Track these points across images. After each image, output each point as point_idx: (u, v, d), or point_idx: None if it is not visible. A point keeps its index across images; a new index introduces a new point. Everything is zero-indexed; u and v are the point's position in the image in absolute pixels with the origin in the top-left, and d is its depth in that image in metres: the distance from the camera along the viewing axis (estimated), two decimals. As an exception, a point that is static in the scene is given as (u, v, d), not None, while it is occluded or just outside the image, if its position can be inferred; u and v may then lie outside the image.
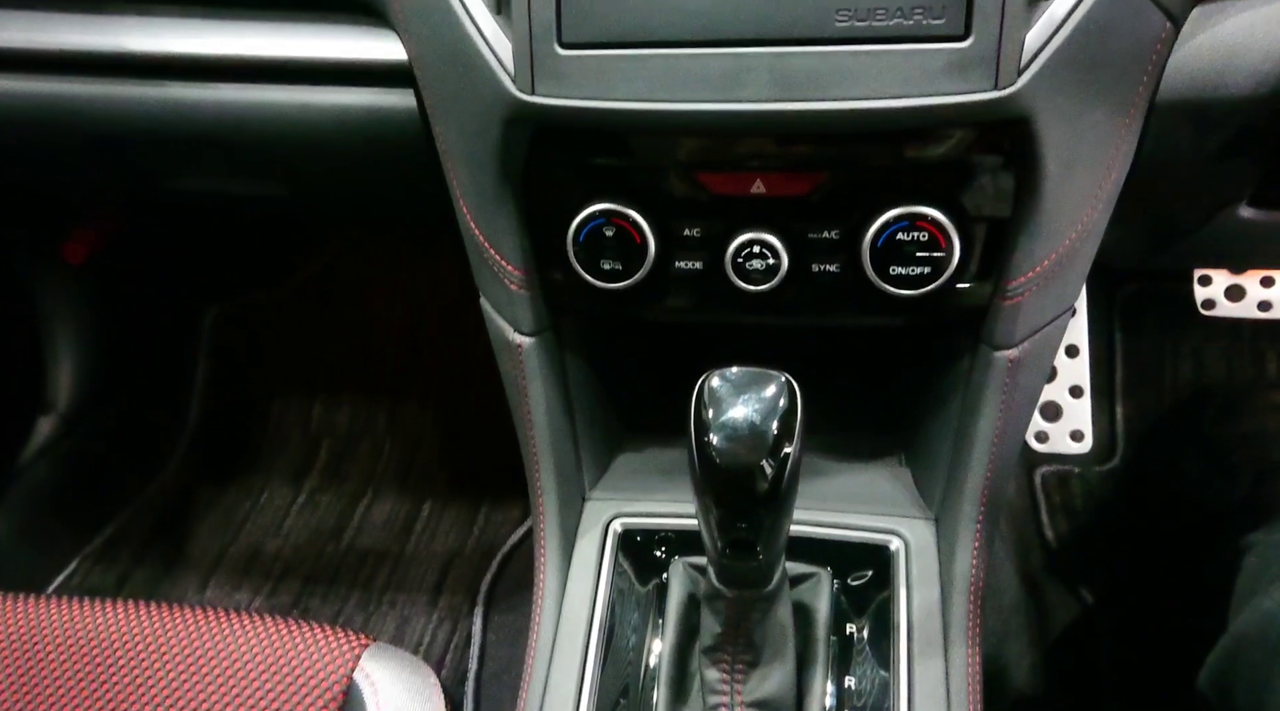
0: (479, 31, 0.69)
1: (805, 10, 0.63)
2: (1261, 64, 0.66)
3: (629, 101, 0.66)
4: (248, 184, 0.98)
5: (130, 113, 0.85)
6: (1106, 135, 0.67)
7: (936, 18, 0.61)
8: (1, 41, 0.84)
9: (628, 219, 0.73)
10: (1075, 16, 0.62)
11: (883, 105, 0.63)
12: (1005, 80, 0.62)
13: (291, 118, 0.83)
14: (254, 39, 0.82)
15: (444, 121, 0.76)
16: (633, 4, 0.64)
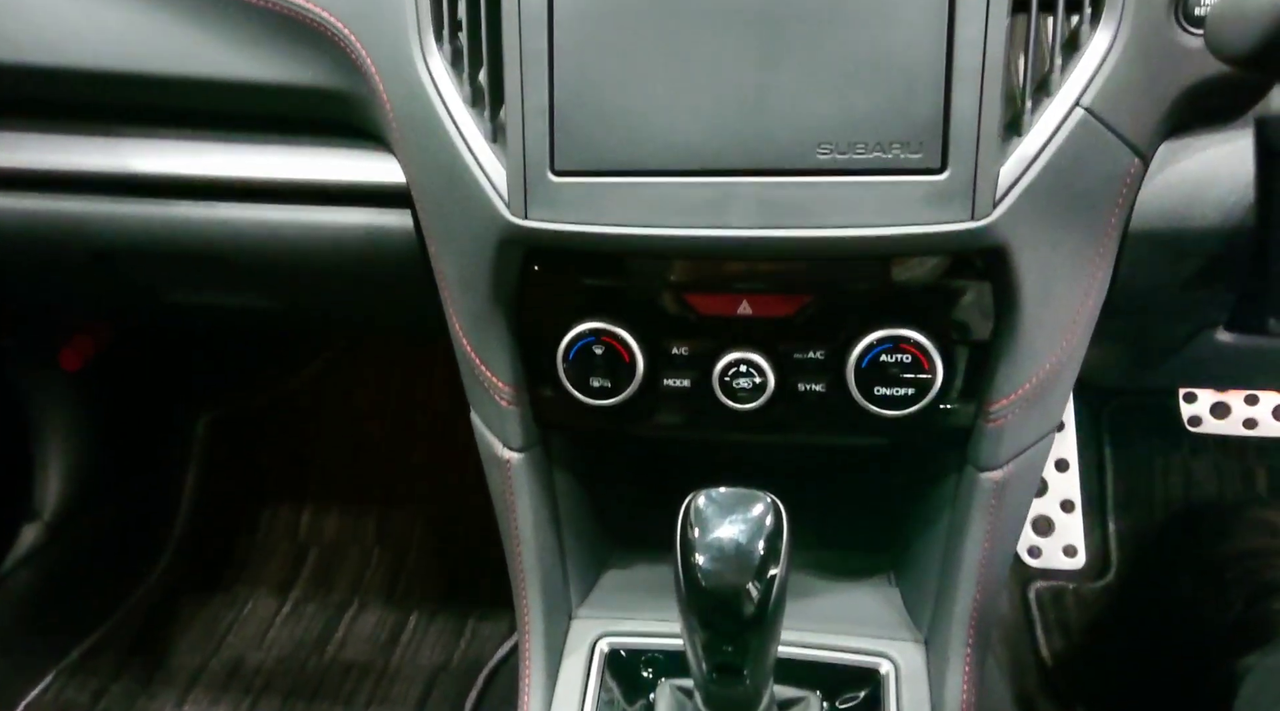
0: (475, 158, 0.71)
1: (789, 143, 0.65)
2: (1227, 197, 0.69)
3: (619, 226, 0.68)
4: (244, 297, 1.00)
5: (134, 230, 0.87)
6: (1081, 264, 0.69)
7: (914, 152, 0.64)
8: (14, 162, 0.87)
9: (617, 338, 0.75)
10: (1047, 152, 0.64)
11: (864, 233, 0.66)
12: (981, 212, 0.64)
13: (290, 236, 0.86)
14: (256, 160, 0.85)
15: (439, 242, 0.78)
16: (623, 135, 0.67)
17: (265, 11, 0.78)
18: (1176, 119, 0.68)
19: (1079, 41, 0.65)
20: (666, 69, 0.66)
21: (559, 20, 0.67)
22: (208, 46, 0.80)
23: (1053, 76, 0.65)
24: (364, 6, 0.75)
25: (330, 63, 0.79)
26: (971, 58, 0.62)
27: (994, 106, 0.63)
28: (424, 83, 0.73)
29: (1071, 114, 0.64)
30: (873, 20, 0.63)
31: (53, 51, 0.82)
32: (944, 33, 0.63)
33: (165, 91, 0.83)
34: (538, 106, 0.68)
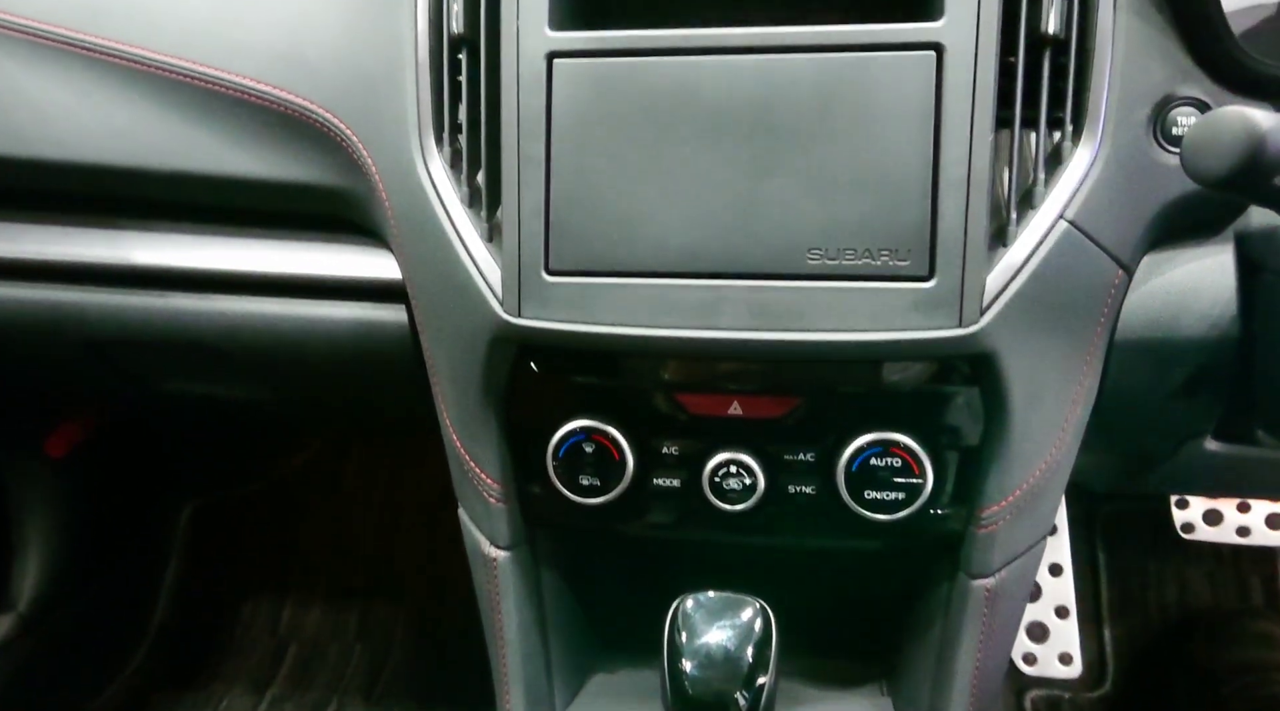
0: (470, 257, 0.73)
1: (779, 248, 0.67)
2: (1211, 309, 0.70)
3: (611, 326, 0.69)
4: (237, 388, 1.00)
5: (130, 321, 0.88)
6: (1069, 372, 0.70)
7: (902, 260, 0.65)
8: (16, 252, 0.88)
9: (607, 436, 0.75)
10: (1033, 262, 0.66)
11: (852, 338, 0.66)
12: (969, 319, 0.65)
13: (285, 329, 0.86)
14: (254, 254, 0.86)
15: (433, 338, 0.79)
16: (617, 237, 0.68)
17: (269, 110, 0.80)
18: (1159, 232, 0.70)
19: (1062, 157, 0.67)
20: (660, 174, 0.67)
21: (557, 126, 0.69)
22: (212, 143, 0.82)
23: (1037, 189, 0.67)
24: (367, 108, 0.77)
25: (331, 161, 0.81)
26: (957, 170, 0.64)
27: (980, 217, 0.64)
28: (423, 183, 0.74)
29: (1056, 226, 0.66)
30: (861, 132, 0.65)
31: (61, 146, 0.84)
32: (930, 145, 0.64)
33: (168, 186, 0.85)
34: (534, 208, 0.69)
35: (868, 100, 0.65)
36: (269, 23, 0.80)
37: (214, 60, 0.80)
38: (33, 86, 0.84)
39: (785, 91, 0.66)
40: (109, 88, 0.83)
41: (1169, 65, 0.67)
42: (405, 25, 0.75)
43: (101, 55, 0.82)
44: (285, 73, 0.79)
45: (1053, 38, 0.66)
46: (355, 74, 0.77)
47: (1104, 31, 0.66)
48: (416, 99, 0.75)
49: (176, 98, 0.82)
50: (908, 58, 0.65)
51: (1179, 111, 0.67)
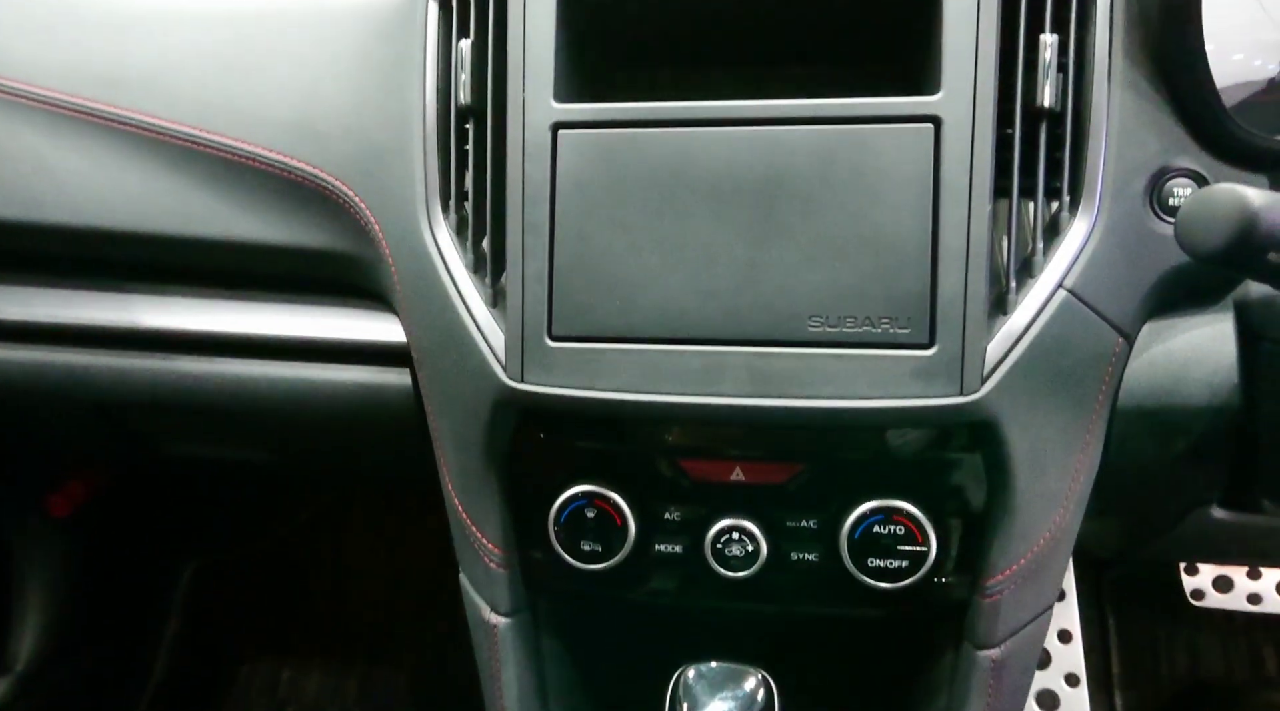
0: (474, 322, 0.73)
1: (780, 315, 0.67)
2: (1212, 377, 0.70)
3: (614, 392, 0.69)
4: (242, 450, 1.00)
5: (138, 383, 0.89)
6: (1071, 439, 0.70)
7: (902, 327, 0.66)
8: (28, 315, 0.90)
9: (609, 501, 0.75)
10: (1033, 331, 0.66)
11: (854, 405, 0.66)
12: (970, 387, 0.65)
13: (291, 392, 0.87)
14: (261, 318, 0.87)
15: (436, 402, 0.79)
16: (620, 303, 0.69)
17: (280, 178, 0.82)
18: (1158, 300, 0.71)
19: (1059, 226, 0.68)
20: (663, 242, 0.68)
21: (561, 194, 0.70)
22: (223, 209, 0.84)
23: (1035, 258, 0.68)
24: (375, 176, 0.79)
25: (339, 227, 0.82)
26: (956, 239, 0.65)
27: (979, 286, 0.65)
28: (429, 249, 0.75)
29: (1055, 295, 0.66)
30: (861, 202, 0.66)
31: (77, 212, 0.86)
32: (929, 215, 0.65)
33: (179, 251, 0.86)
34: (537, 274, 0.70)
35: (867, 171, 0.66)
36: (281, 94, 0.82)
37: (228, 129, 0.82)
38: (52, 155, 0.86)
39: (786, 162, 0.67)
40: (125, 155, 0.85)
41: (1164, 138, 0.68)
42: (414, 96, 0.77)
43: (119, 124, 0.85)
44: (296, 142, 0.81)
45: (1048, 110, 0.67)
46: (364, 143, 0.79)
47: (1098, 105, 0.68)
48: (424, 167, 0.76)
49: (190, 165, 0.84)
50: (906, 130, 0.66)
51: (1175, 183, 0.68)
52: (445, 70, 0.76)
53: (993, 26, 0.65)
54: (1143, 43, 0.68)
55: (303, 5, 0.85)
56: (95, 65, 0.86)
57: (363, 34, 0.81)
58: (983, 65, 0.65)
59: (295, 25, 0.84)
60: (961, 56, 0.65)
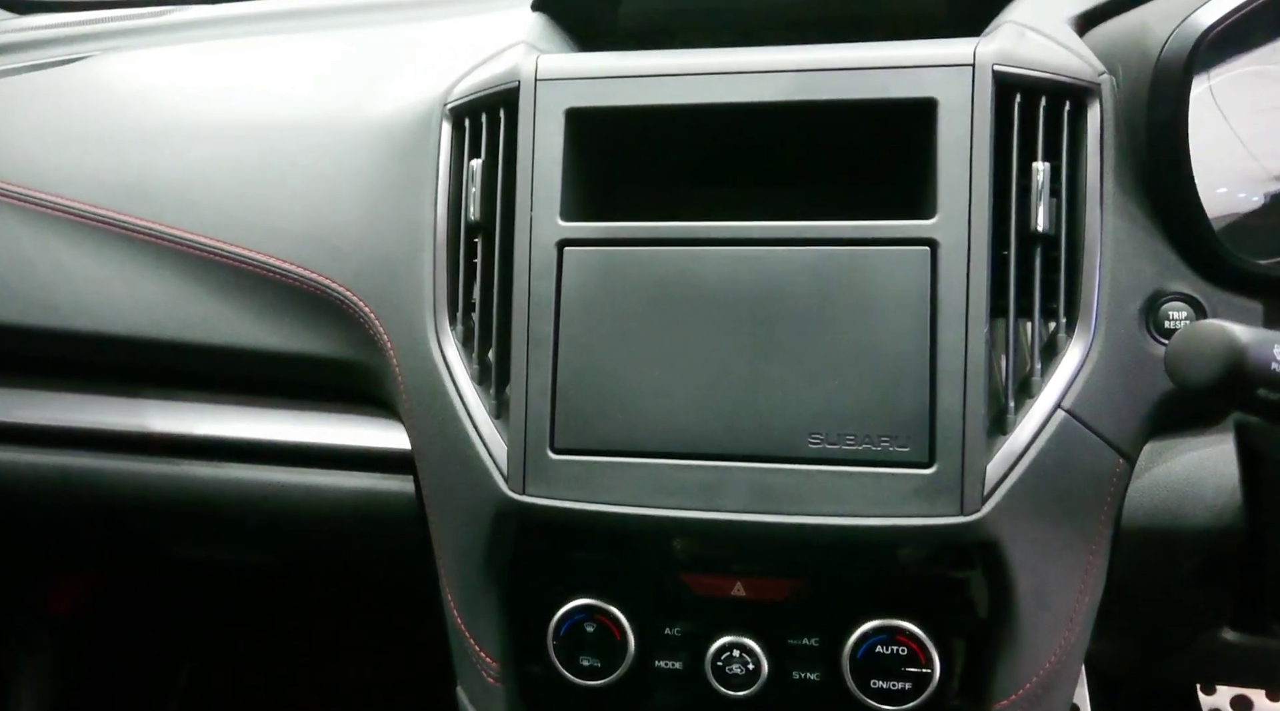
0: (478, 432, 0.74)
1: (781, 431, 0.68)
2: (1215, 498, 0.69)
3: (615, 505, 0.69)
4: (243, 552, 1.00)
5: (144, 487, 0.89)
6: (1074, 560, 0.69)
7: (902, 445, 0.66)
8: (40, 419, 0.91)
9: (609, 616, 0.74)
10: (1032, 451, 0.66)
11: (854, 523, 0.66)
12: (970, 507, 0.65)
13: (294, 498, 0.87)
14: (270, 424, 0.88)
15: (438, 511, 0.79)
16: (622, 417, 0.70)
17: (292, 287, 0.84)
18: (1158, 421, 0.71)
19: (1057, 347, 0.69)
20: (665, 358, 0.69)
21: (565, 309, 0.71)
22: (236, 317, 0.86)
23: (1033, 379, 0.68)
24: (385, 287, 0.81)
25: (349, 336, 0.83)
26: (954, 360, 0.66)
27: (978, 405, 0.65)
28: (436, 360, 0.77)
29: (1054, 415, 0.67)
30: (860, 322, 0.67)
31: (93, 318, 0.88)
32: (927, 335, 0.66)
33: (190, 357, 0.88)
34: (541, 386, 0.71)
35: (865, 292, 0.67)
36: (298, 207, 0.85)
37: (245, 240, 0.85)
38: (72, 263, 0.89)
39: (785, 282, 0.68)
40: (142, 264, 0.88)
41: (1157, 262, 0.69)
42: (426, 211, 0.79)
43: (140, 234, 0.87)
44: (310, 253, 0.83)
45: (1043, 234, 0.69)
46: (375, 256, 0.81)
47: (1092, 229, 0.69)
48: (433, 280, 0.78)
49: (205, 274, 0.86)
50: (903, 253, 0.67)
51: (1170, 306, 0.69)
52: (456, 187, 0.78)
53: (986, 153, 0.67)
54: (1133, 170, 0.70)
55: (323, 121, 0.89)
56: (121, 177, 0.90)
57: (379, 150, 0.84)
58: (977, 190, 0.67)
59: (315, 140, 0.88)
60: (956, 182, 0.67)
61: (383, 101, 0.88)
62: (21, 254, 0.90)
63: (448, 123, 0.80)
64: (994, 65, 0.68)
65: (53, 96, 1.02)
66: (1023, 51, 0.70)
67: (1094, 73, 0.71)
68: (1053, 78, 0.69)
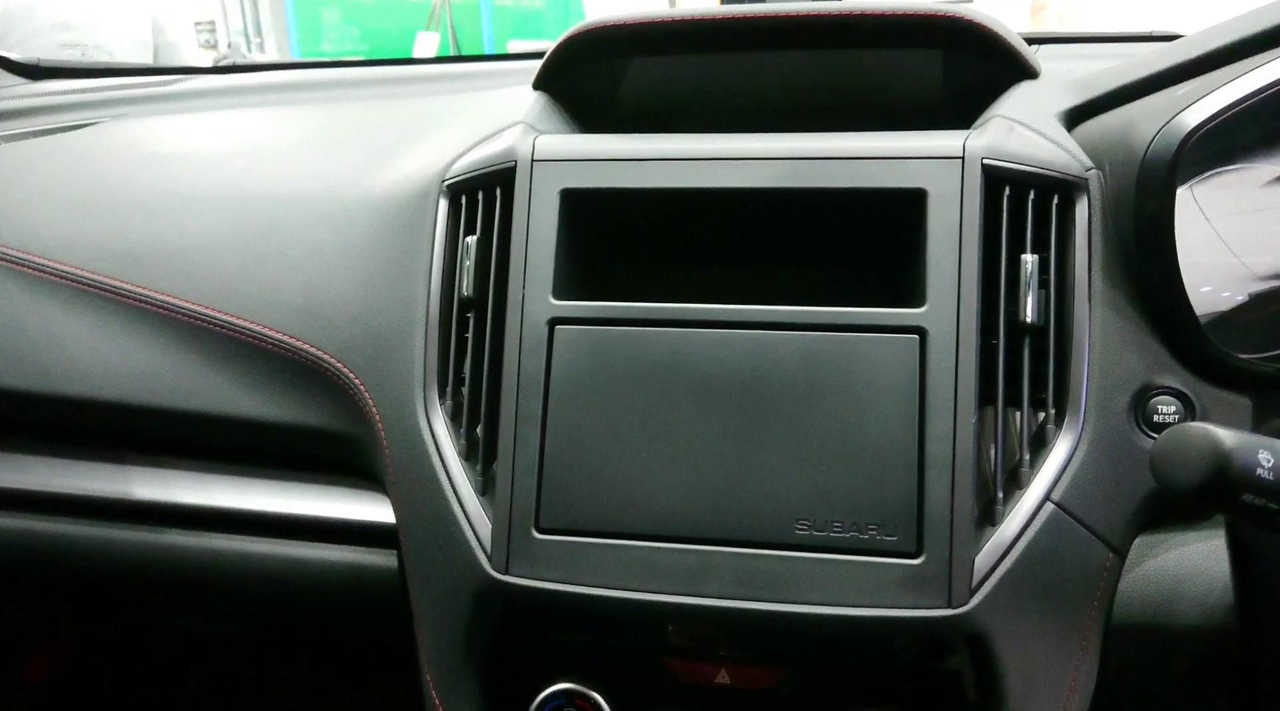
0: (462, 509, 0.73)
1: (768, 517, 0.67)
2: (1207, 595, 0.68)
3: (598, 588, 0.69)
4: (223, 622, 0.99)
5: (124, 555, 0.88)
6: (1064, 655, 0.68)
7: (889, 534, 0.66)
8: (20, 483, 0.91)
9: (590, 701, 0.72)
10: (1021, 543, 0.66)
11: (840, 612, 0.65)
12: (958, 599, 0.64)
13: (276, 569, 0.86)
14: (253, 495, 0.87)
15: (419, 587, 0.78)
16: (608, 498, 0.69)
17: (284, 357, 0.84)
18: (1148, 515, 0.70)
19: (1046, 438, 0.69)
20: (652, 439, 0.69)
21: (555, 388, 0.71)
22: (227, 386, 0.86)
23: (1022, 470, 0.68)
24: (376, 360, 0.81)
25: (337, 407, 0.83)
26: (942, 449, 0.65)
27: (966, 496, 0.65)
28: (423, 434, 0.76)
29: (1043, 508, 0.66)
30: (848, 408, 0.67)
31: (84, 383, 0.88)
32: (915, 423, 0.66)
33: (179, 424, 0.87)
34: (528, 465, 0.70)
35: (854, 378, 0.67)
36: (293, 278, 0.85)
37: (239, 309, 0.85)
38: (67, 328, 0.89)
39: (774, 365, 0.68)
40: (137, 330, 0.88)
41: (1146, 356, 0.69)
42: (419, 286, 0.80)
43: (135, 301, 0.88)
44: (302, 324, 0.84)
45: (1031, 325, 0.69)
46: (368, 328, 0.82)
47: (1080, 322, 0.69)
48: (424, 354, 0.78)
49: (199, 342, 0.87)
50: (892, 340, 0.68)
51: (1159, 400, 0.69)
52: (450, 263, 0.79)
53: (975, 244, 0.68)
54: (1121, 264, 0.70)
55: (322, 194, 0.90)
56: (120, 244, 0.90)
57: (375, 225, 0.85)
58: (966, 280, 0.68)
59: (313, 212, 0.89)
60: (946, 271, 0.68)
61: (381, 176, 0.89)
62: (16, 317, 0.91)
63: (444, 199, 0.81)
64: (983, 158, 0.69)
65: (58, 161, 1.03)
66: (1012, 145, 0.71)
67: (1081, 168, 0.72)
68: (1041, 172, 0.70)
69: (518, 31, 7.77)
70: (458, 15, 7.54)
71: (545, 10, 7.89)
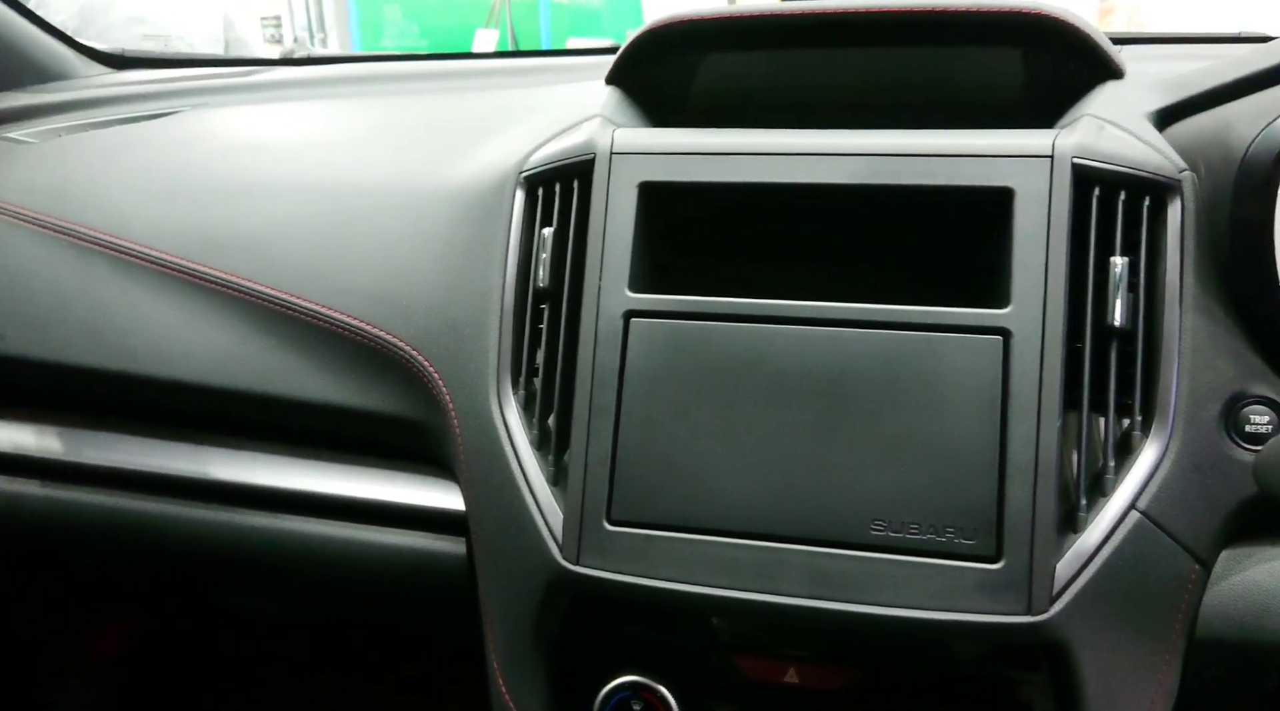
0: (534, 498, 0.74)
1: (842, 515, 0.66)
2: None
3: (669, 581, 0.68)
4: (289, 605, 1.00)
5: (197, 534, 0.90)
6: (1145, 669, 0.66)
7: (967, 538, 0.64)
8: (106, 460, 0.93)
9: (656, 695, 0.72)
10: (1104, 552, 0.64)
11: (914, 615, 0.64)
12: (1038, 607, 0.63)
13: (346, 552, 0.87)
14: (327, 479, 0.89)
15: (488, 575, 0.79)
16: (680, 492, 0.69)
17: (361, 345, 0.85)
18: (1236, 526, 0.68)
19: (1132, 445, 0.67)
20: (727, 435, 0.69)
21: (629, 380, 0.71)
22: (303, 371, 0.87)
23: (1107, 476, 0.66)
24: (451, 349, 0.82)
25: (412, 395, 0.84)
26: (1024, 453, 0.64)
27: (1048, 501, 0.64)
28: (496, 423, 0.77)
29: (1128, 516, 0.65)
30: (927, 409, 0.66)
31: (166, 364, 0.90)
32: (997, 427, 0.65)
33: (256, 407, 0.89)
34: (601, 457, 0.71)
35: (934, 379, 0.66)
36: (371, 267, 0.86)
37: (318, 296, 0.86)
38: (152, 311, 0.91)
39: (853, 364, 0.68)
40: (218, 315, 0.90)
41: (1238, 364, 0.67)
42: (495, 277, 0.80)
43: (217, 286, 0.90)
44: (380, 312, 0.85)
45: (1119, 329, 0.67)
46: (444, 318, 0.82)
47: (1171, 327, 0.68)
48: (498, 344, 0.78)
49: (278, 327, 0.88)
50: (974, 341, 0.66)
51: (1251, 410, 0.67)
52: (526, 254, 0.79)
53: (1063, 245, 0.67)
54: (1214, 269, 0.68)
55: (399, 184, 0.91)
56: (203, 230, 0.92)
57: (452, 216, 0.86)
58: (1053, 282, 0.66)
59: (389, 203, 0.90)
60: (1032, 272, 0.67)
61: (457, 168, 0.89)
62: (104, 300, 0.93)
63: (521, 191, 0.81)
64: (1073, 158, 0.68)
65: (143, 148, 1.06)
66: (1103, 145, 0.69)
67: (1175, 169, 0.70)
68: (1133, 172, 0.69)
69: (576, 29, 7.81)
70: (516, 13, 7.60)
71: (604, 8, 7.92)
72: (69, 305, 0.94)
